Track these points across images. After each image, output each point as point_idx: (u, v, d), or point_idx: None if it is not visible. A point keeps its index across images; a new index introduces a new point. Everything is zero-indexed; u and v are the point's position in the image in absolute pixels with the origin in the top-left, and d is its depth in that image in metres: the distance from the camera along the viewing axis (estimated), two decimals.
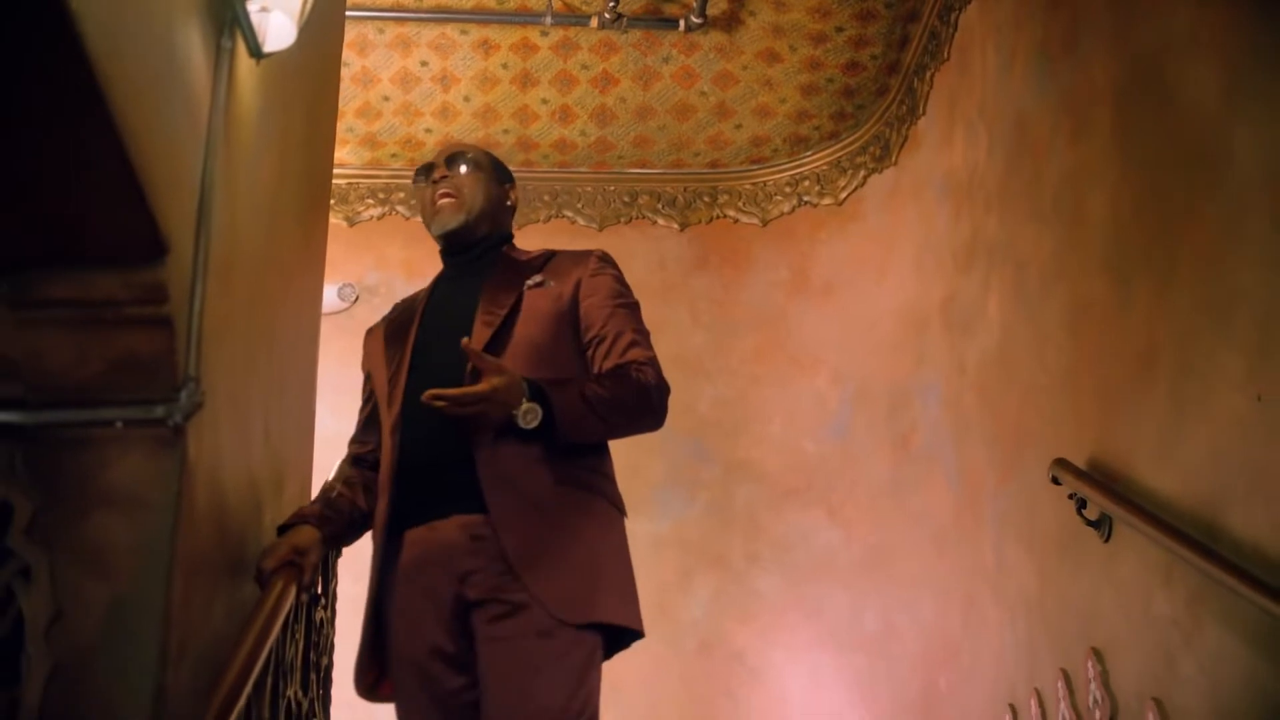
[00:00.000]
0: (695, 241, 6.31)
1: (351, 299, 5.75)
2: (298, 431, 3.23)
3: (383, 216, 6.15)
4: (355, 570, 3.01)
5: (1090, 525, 3.66)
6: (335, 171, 4.96)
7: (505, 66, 5.55)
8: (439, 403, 2.28)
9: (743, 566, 5.77)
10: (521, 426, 2.32)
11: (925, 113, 5.59)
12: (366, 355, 2.81)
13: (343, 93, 4.60)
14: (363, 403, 2.79)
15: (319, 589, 2.95)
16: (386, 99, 5.68)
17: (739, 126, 6.04)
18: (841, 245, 6.20)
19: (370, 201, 6.16)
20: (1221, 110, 3.06)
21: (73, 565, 2.01)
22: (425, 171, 2.77)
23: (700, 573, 5.29)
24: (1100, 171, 3.77)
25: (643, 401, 2.52)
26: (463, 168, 2.71)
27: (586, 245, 6.14)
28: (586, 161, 6.18)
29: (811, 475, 5.91)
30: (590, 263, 2.65)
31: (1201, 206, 3.13)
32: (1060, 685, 3.92)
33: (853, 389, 6.00)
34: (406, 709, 2.45)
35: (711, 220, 6.35)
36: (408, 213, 6.14)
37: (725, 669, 5.54)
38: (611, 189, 6.30)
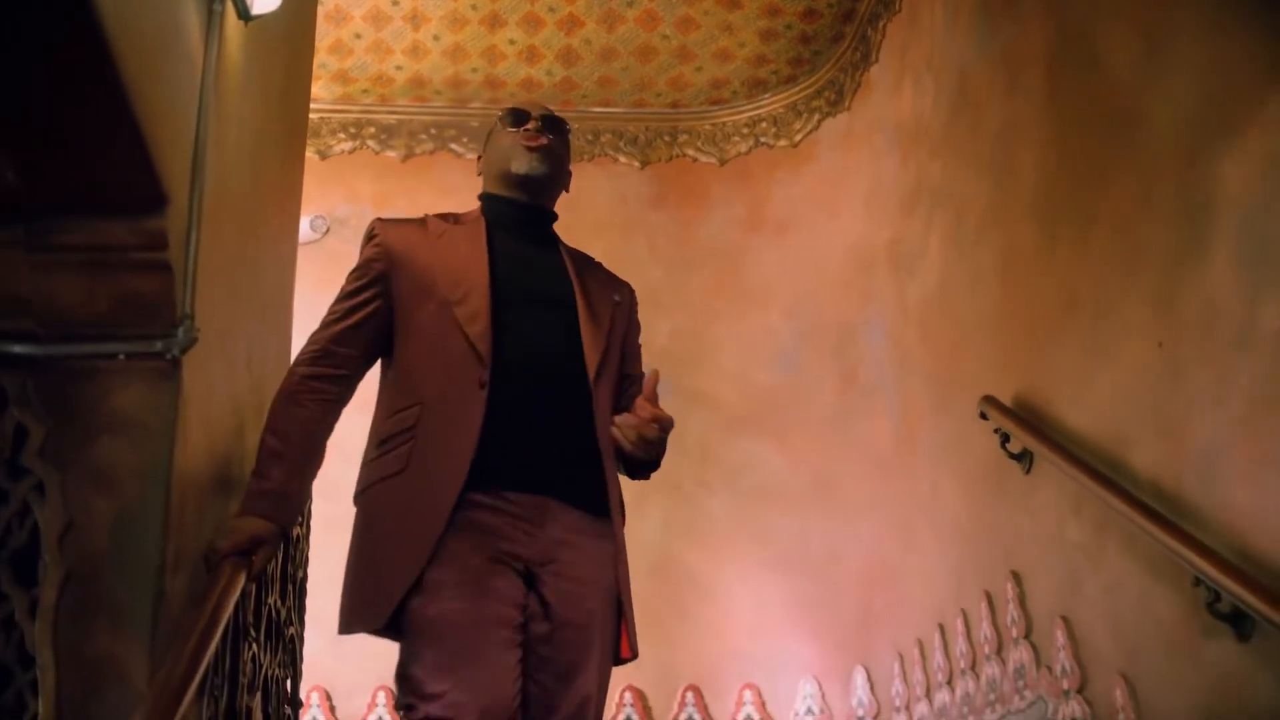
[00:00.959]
0: (655, 179, 6.52)
1: (323, 230, 5.94)
2: (276, 356, 3.43)
3: (354, 151, 6.32)
4: (325, 491, 3.19)
5: (1013, 458, 3.95)
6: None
7: (474, 7, 5.72)
8: (652, 428, 2.27)
9: (695, 491, 6.04)
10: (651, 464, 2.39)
11: (878, 60, 5.81)
12: (388, 255, 2.46)
13: (315, 30, 4.76)
14: (358, 302, 2.46)
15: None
16: (358, 36, 5.84)
17: (699, 69, 6.24)
18: (795, 186, 6.42)
19: (342, 136, 6.33)
20: (1139, 79, 3.30)
21: (82, 482, 2.23)
22: (518, 118, 2.56)
23: (654, 497, 5.54)
24: (1032, 127, 4.02)
25: None
26: (556, 135, 2.59)
27: None
28: (552, 100, 6.36)
29: (762, 406, 6.18)
30: (633, 295, 2.67)
31: (1118, 167, 3.38)
32: (984, 606, 4.23)
33: (803, 324, 6.25)
34: (457, 646, 2.18)
35: (671, 159, 6.56)
36: (378, 147, 6.32)
37: (677, 588, 5.82)
38: (575, 127, 6.43)
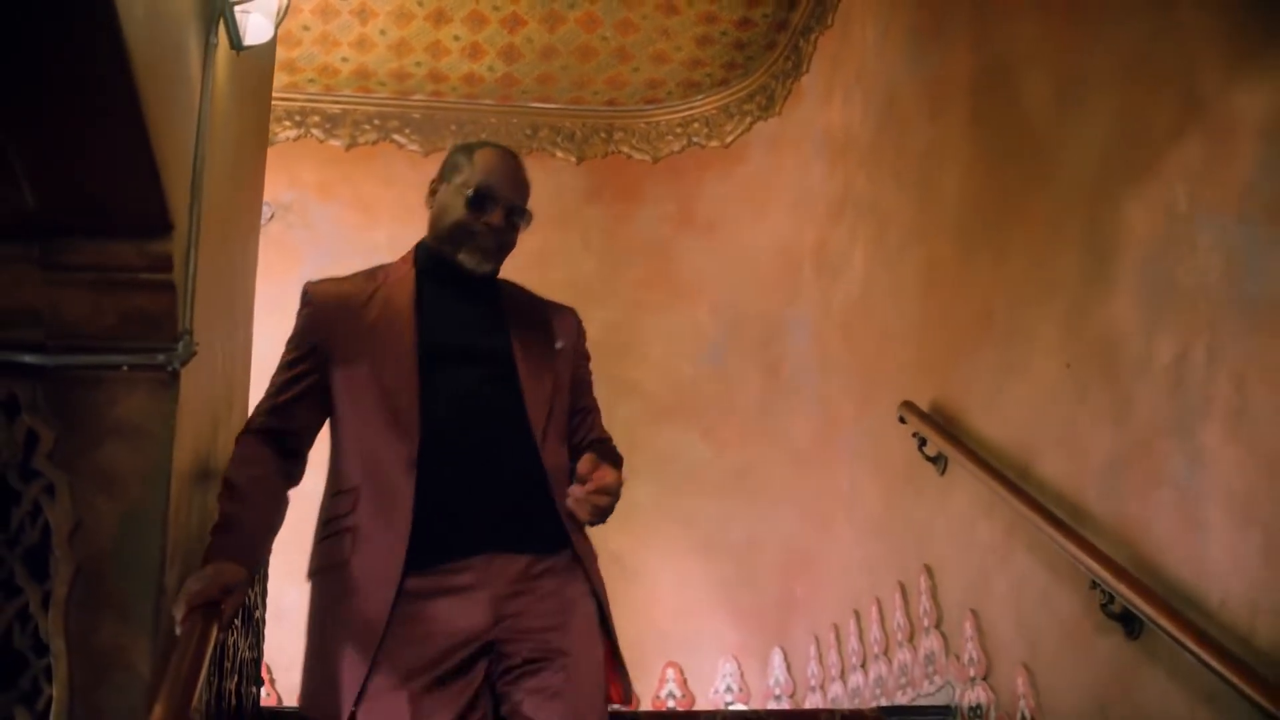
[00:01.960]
0: (590, 174, 6.73)
1: (268, 217, 6.07)
2: (242, 352, 3.59)
3: (298, 138, 6.45)
4: None
5: (929, 461, 4.24)
6: None
7: (420, 4, 5.88)
8: (601, 498, 2.25)
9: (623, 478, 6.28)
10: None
11: (809, 70, 6.06)
12: (317, 326, 2.47)
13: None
14: (294, 375, 2.45)
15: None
16: (306, 28, 5.97)
17: (636, 70, 6.45)
18: (726, 186, 6.67)
19: (287, 123, 6.45)
20: (1054, 118, 3.58)
21: (88, 485, 2.41)
22: (488, 204, 2.50)
23: None
24: (955, 151, 4.29)
25: None
26: (514, 229, 2.57)
27: None
28: (492, 95, 6.55)
29: (688, 397, 6.43)
30: (578, 326, 2.64)
31: (1034, 197, 3.66)
32: (897, 596, 4.53)
33: (729, 320, 6.52)
34: None
35: (606, 155, 6.77)
36: (322, 135, 6.45)
37: (604, 570, 6.04)
38: (514, 121, 6.68)
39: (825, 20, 5.78)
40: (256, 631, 3.38)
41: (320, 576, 2.35)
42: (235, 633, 2.86)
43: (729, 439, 6.32)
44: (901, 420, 4.40)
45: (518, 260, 6.95)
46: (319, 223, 6.38)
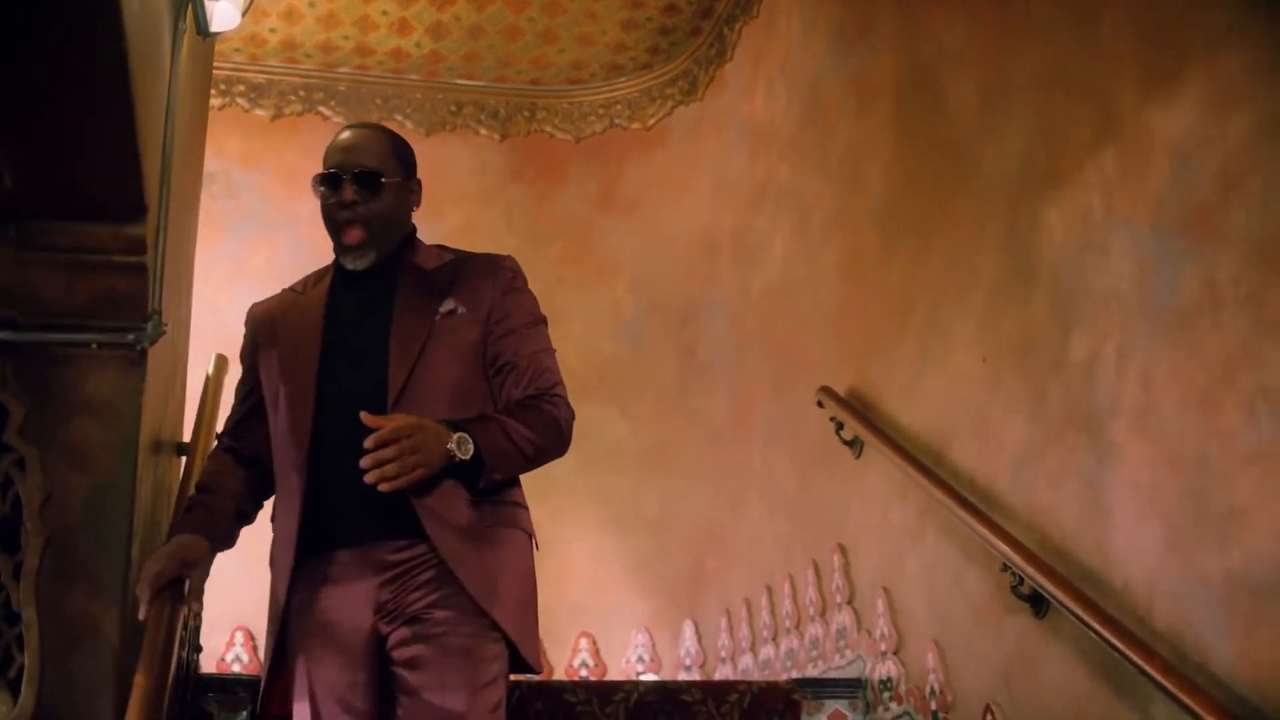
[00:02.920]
0: (513, 152, 6.82)
1: None
2: (185, 325, 3.65)
3: (223, 107, 6.44)
4: None
5: (846, 444, 4.43)
6: None
7: None
8: (385, 458, 2.19)
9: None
10: (459, 457, 2.26)
11: (732, 59, 6.21)
12: (252, 347, 2.58)
13: None
14: (241, 395, 2.59)
15: None
16: None
17: (562, 51, 6.54)
18: (647, 168, 6.80)
19: (212, 92, 6.42)
20: (977, 122, 3.76)
21: (59, 459, 2.49)
22: (330, 184, 2.49)
23: None
24: (879, 147, 4.47)
25: (558, 435, 2.49)
26: (374, 193, 2.47)
27: (414, 148, 6.63)
28: (418, 71, 6.60)
29: (606, 374, 6.57)
30: (502, 277, 2.55)
31: (956, 197, 3.85)
32: (810, 573, 4.72)
33: (647, 300, 6.66)
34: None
35: (529, 134, 6.86)
36: (247, 105, 6.45)
37: None
38: (439, 98, 6.74)
39: (751, 10, 5.92)
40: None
41: None
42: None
43: (645, 416, 6.47)
44: (819, 405, 4.58)
45: (443, 235, 7.01)
46: (243, 193, 6.39)
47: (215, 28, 2.77)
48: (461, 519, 2.31)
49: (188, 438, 3.44)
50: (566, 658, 6.11)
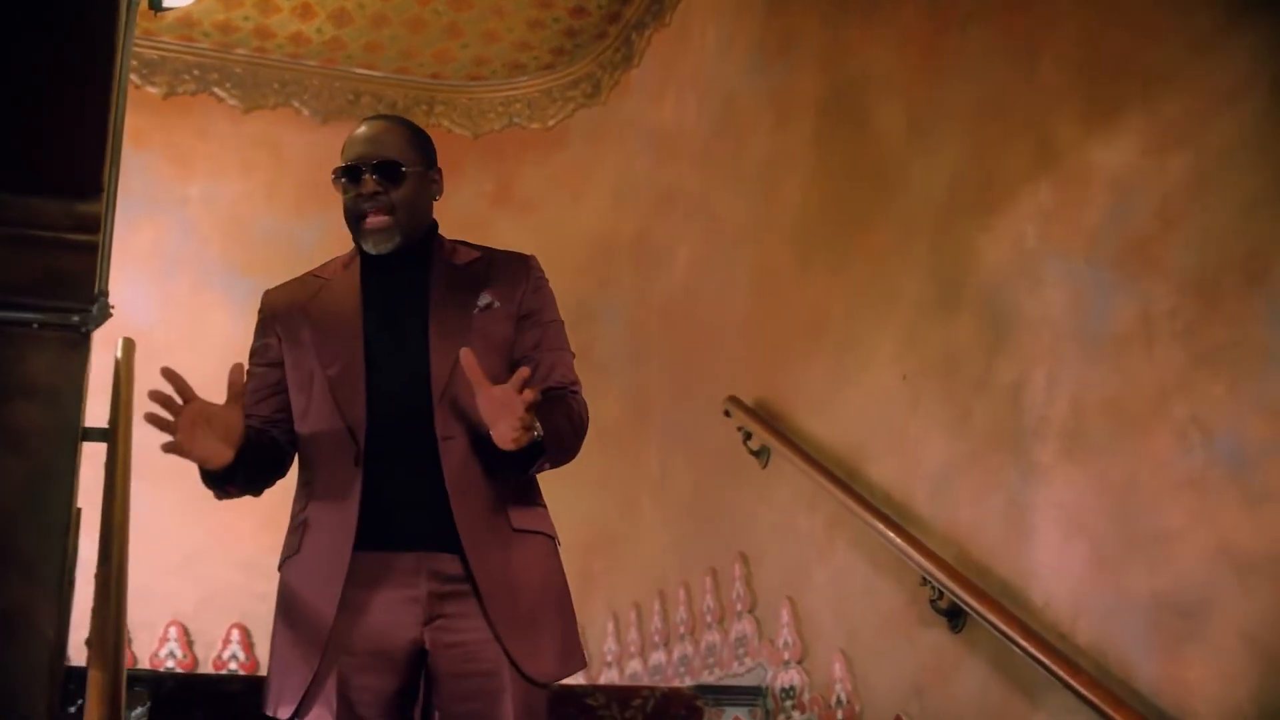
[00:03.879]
0: None
1: None
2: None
3: None
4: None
5: (753, 454, 4.48)
6: None
7: None
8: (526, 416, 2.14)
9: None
10: (538, 433, 2.22)
11: (639, 65, 6.23)
12: (273, 329, 2.51)
13: None
14: (259, 375, 2.51)
15: None
16: None
17: (465, 46, 6.49)
18: (545, 168, 6.78)
19: None
20: (905, 146, 3.85)
21: None
22: (352, 178, 2.45)
23: None
24: (798, 163, 4.53)
25: (584, 427, 2.51)
26: (395, 183, 2.44)
27: (310, 136, 6.54)
28: (317, 57, 6.48)
29: None
30: (533, 274, 2.56)
31: (880, 216, 3.93)
32: (709, 580, 4.76)
33: None
34: None
35: (427, 128, 6.73)
36: (139, 81, 6.23)
37: None
38: (337, 86, 6.62)
39: (663, 18, 5.95)
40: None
41: (283, 571, 2.42)
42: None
43: None
44: (726, 414, 4.62)
45: (335, 227, 6.86)
46: (130, 171, 6.11)
47: (169, 2, 2.68)
48: (499, 529, 2.32)
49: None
50: None
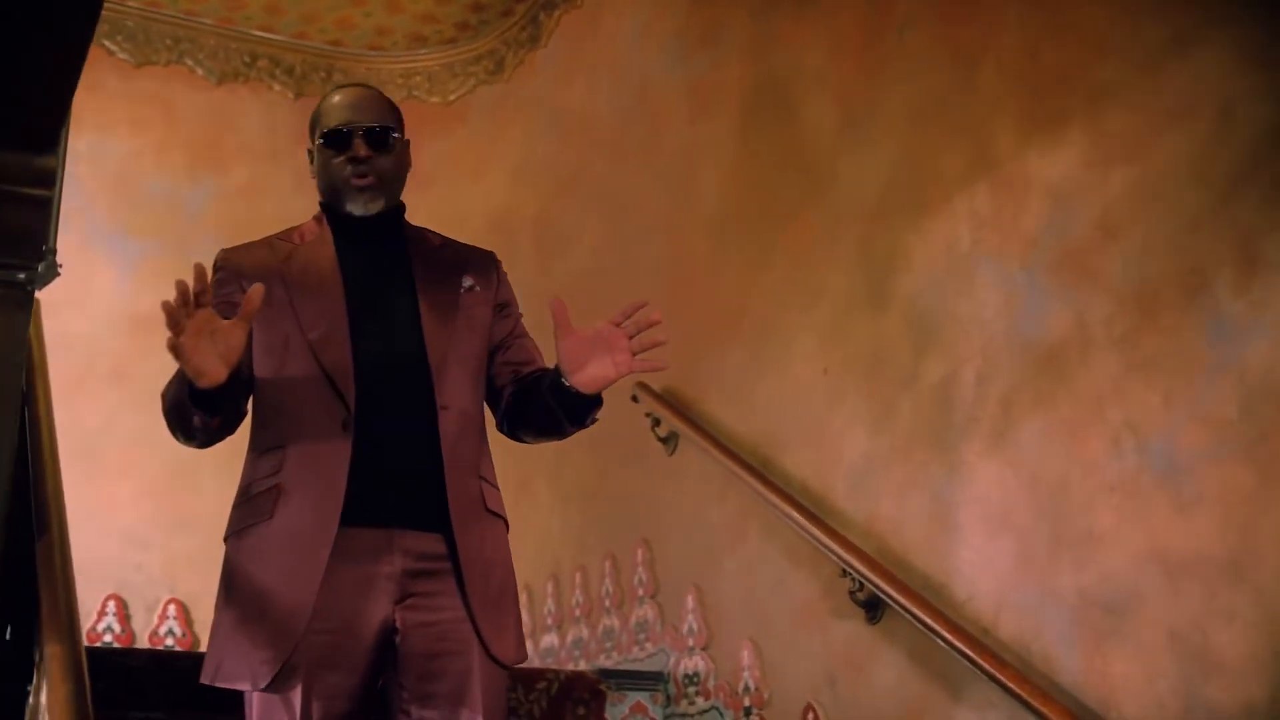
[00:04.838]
0: (307, 112, 6.46)
1: None
2: None
3: None
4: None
5: (660, 441, 4.50)
6: None
7: None
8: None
9: None
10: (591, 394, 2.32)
11: (546, 45, 6.19)
12: (241, 281, 2.34)
13: None
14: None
15: None
16: None
17: (368, 15, 6.37)
18: (444, 143, 6.69)
19: None
20: (834, 142, 3.90)
21: None
22: (338, 141, 2.45)
23: None
24: (719, 154, 4.55)
25: None
26: (384, 149, 2.45)
27: (203, 97, 6.36)
28: (214, 15, 6.29)
29: None
30: (500, 268, 2.63)
31: (807, 211, 3.97)
32: (608, 564, 4.77)
33: None
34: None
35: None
36: None
37: None
38: (233, 46, 6.44)
39: (574, 0, 5.92)
40: None
41: (238, 537, 2.30)
42: None
43: None
44: (634, 399, 4.63)
45: (227, 191, 6.67)
46: None
47: None
48: (477, 508, 2.33)
49: None
50: None
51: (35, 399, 3.02)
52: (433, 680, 2.22)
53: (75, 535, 5.74)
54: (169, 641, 5.50)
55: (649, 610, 4.45)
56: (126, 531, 5.58)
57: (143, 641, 5.48)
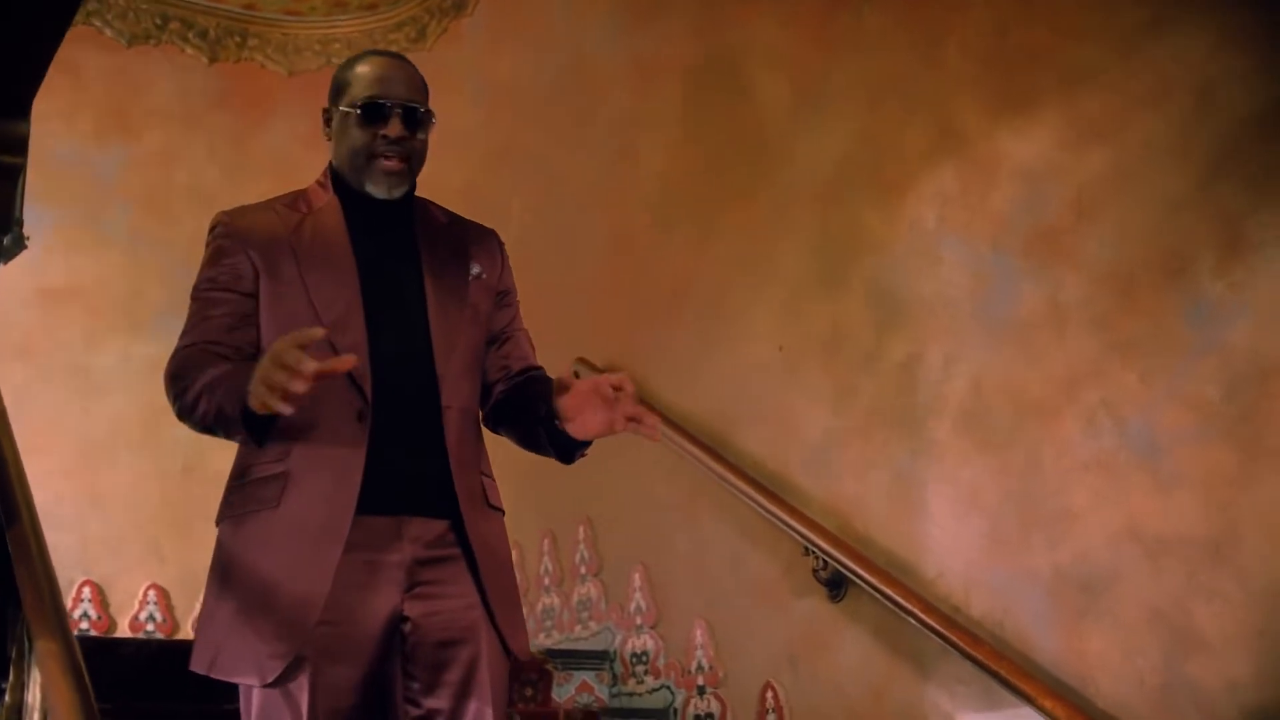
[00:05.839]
0: (221, 78, 6.37)
1: None
2: None
3: None
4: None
5: None
6: None
7: None
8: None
9: None
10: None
11: (472, 14, 6.07)
12: (246, 254, 2.24)
13: None
14: (230, 301, 2.25)
15: None
16: None
17: None
18: None
19: None
20: (788, 118, 3.87)
21: None
22: (380, 116, 2.29)
23: None
24: (662, 129, 4.49)
25: None
26: (419, 130, 2.32)
27: (112, 59, 6.12)
28: None
29: None
30: (503, 251, 2.52)
31: (758, 188, 3.94)
32: (547, 543, 4.72)
33: None
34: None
35: (239, 61, 6.44)
36: None
37: (206, 491, 5.81)
38: (145, 8, 6.20)
39: None
40: None
41: (236, 523, 2.17)
42: None
43: None
44: (576, 375, 4.54)
45: (139, 158, 6.43)
46: None
47: None
48: (481, 501, 2.24)
49: None
50: None
51: None
52: (443, 669, 2.15)
53: None
54: (84, 625, 5.32)
55: (591, 588, 4.41)
56: (39, 512, 5.37)
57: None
